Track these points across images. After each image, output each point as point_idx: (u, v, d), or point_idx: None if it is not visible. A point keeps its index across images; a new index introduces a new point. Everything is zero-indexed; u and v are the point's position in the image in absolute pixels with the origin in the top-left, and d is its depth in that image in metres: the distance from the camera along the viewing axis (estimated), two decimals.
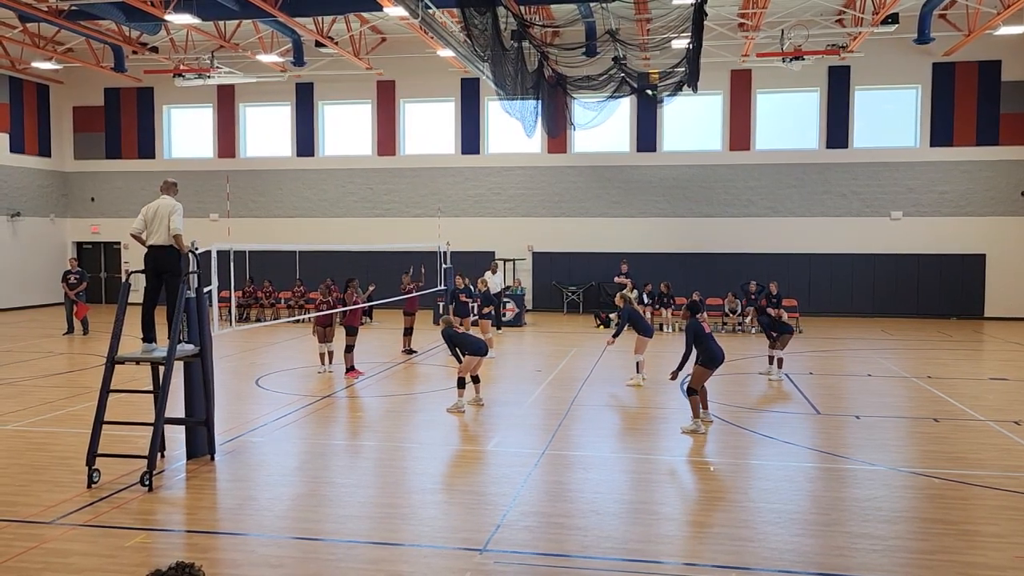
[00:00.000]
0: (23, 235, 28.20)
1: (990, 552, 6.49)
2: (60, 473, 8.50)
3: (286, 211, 28.41)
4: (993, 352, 18.90)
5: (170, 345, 8.40)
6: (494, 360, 16.08)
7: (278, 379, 14.29)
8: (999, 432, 10.45)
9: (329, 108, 28.42)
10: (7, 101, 27.61)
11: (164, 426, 8.47)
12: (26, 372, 14.93)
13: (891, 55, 24.49)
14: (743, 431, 10.57)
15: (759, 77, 25.59)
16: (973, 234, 24.81)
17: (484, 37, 14.66)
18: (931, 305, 25.04)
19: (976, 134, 24.69)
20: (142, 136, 29.38)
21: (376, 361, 16.17)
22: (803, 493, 8.09)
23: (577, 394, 12.92)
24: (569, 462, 9.24)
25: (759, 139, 26.02)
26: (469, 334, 12.22)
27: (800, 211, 25.71)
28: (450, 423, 11.02)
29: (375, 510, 7.56)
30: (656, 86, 22.25)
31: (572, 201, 26.88)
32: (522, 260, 26.85)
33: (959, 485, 8.21)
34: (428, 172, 27.63)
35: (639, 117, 26.31)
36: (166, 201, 8.94)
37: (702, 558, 6.37)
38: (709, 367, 10.56)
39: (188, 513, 7.60)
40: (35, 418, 11.11)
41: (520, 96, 19.23)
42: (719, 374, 11.95)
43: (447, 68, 26.13)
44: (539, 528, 7.01)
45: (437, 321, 22.33)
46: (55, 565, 6.16)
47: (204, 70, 24.19)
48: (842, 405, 12.47)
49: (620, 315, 14.01)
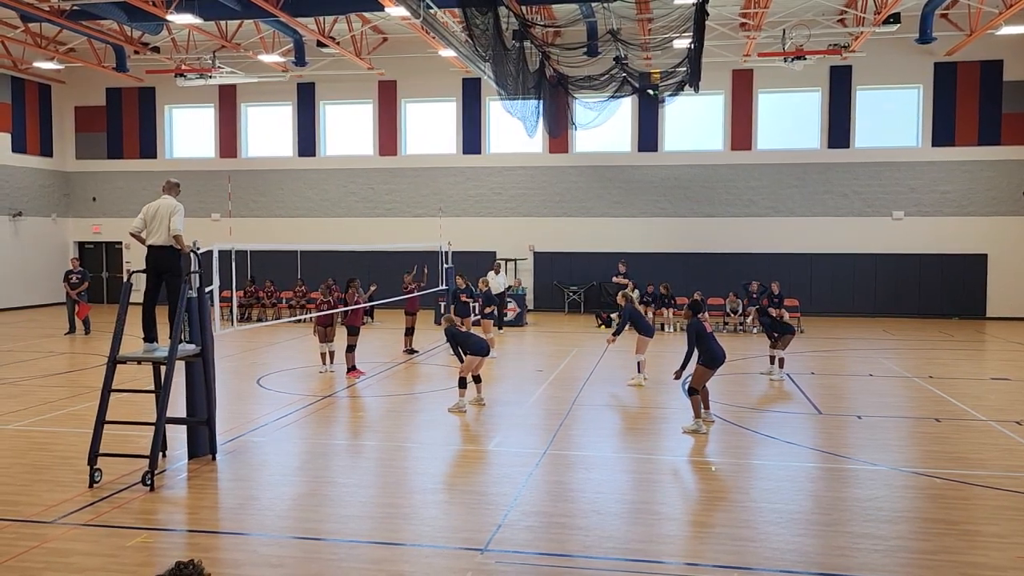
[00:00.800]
0: (25, 235, 28.22)
1: (991, 552, 6.48)
2: (62, 473, 8.51)
3: (287, 211, 28.42)
4: (995, 352, 18.88)
5: (171, 345, 8.40)
6: (495, 360, 16.08)
7: (279, 379, 14.30)
8: (1001, 432, 10.44)
9: (330, 108, 28.43)
10: (9, 101, 27.64)
11: (165, 426, 8.48)
12: (27, 372, 14.95)
13: (893, 55, 24.47)
14: (744, 431, 10.56)
15: (760, 77, 25.58)
16: (975, 234, 24.78)
17: (485, 37, 14.66)
18: (933, 305, 25.02)
19: (978, 134, 24.66)
20: (144, 136, 29.41)
21: (377, 361, 16.17)
22: (804, 493, 8.09)
23: (578, 394, 12.92)
24: (570, 462, 9.24)
25: (760, 139, 26.00)
26: (472, 333, 12.22)
27: (801, 211, 25.69)
28: (451, 423, 11.02)
29: (376, 510, 7.56)
30: (657, 86, 22.26)
31: (573, 201, 26.88)
32: (523, 260, 26.86)
33: (960, 485, 8.20)
34: (429, 172, 27.63)
35: (640, 117, 26.31)
36: (167, 201, 8.94)
37: (704, 558, 6.37)
38: (710, 367, 10.56)
39: (189, 513, 7.61)
40: (37, 418, 11.12)
41: (521, 96, 19.23)
42: (720, 374, 11.95)
43: (448, 68, 26.13)
44: (540, 528, 7.00)
45: (438, 321, 22.36)
46: (56, 565, 6.16)
47: (206, 70, 24.21)
48: (844, 405, 12.46)
49: (621, 314, 14.01)
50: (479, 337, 12.14)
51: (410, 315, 17.55)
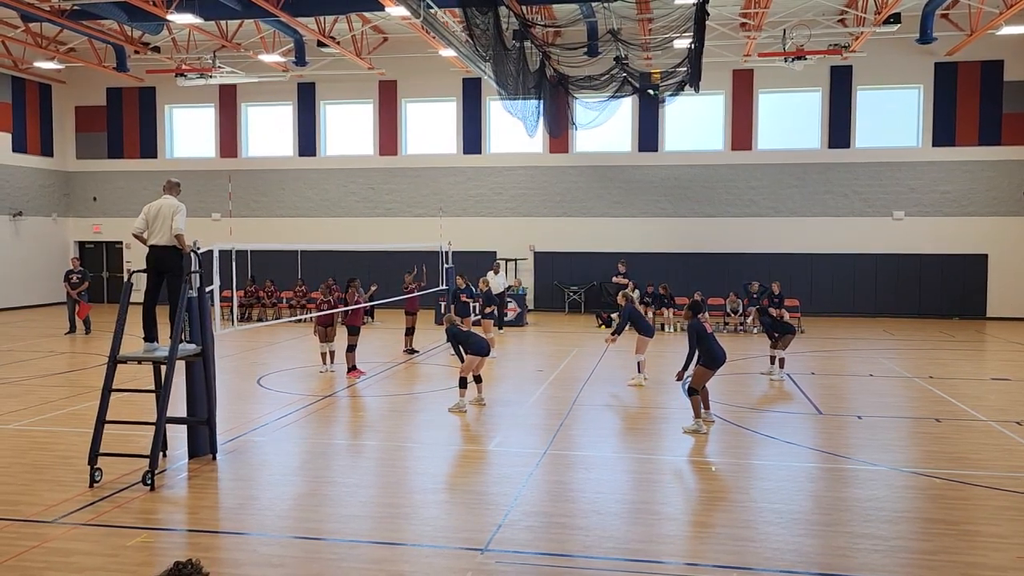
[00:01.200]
0: (25, 235, 28.23)
1: (992, 553, 6.48)
2: (62, 472, 8.51)
3: (288, 211, 28.43)
4: (995, 352, 18.88)
5: (172, 344, 8.40)
6: (496, 360, 16.08)
7: (280, 379, 14.30)
8: (1001, 432, 10.44)
9: (331, 108, 28.43)
10: (9, 101, 27.64)
11: (166, 425, 8.48)
12: (28, 371, 14.95)
13: (893, 55, 24.47)
14: (745, 431, 10.56)
15: (761, 77, 25.58)
16: (975, 234, 24.78)
17: (486, 37, 14.66)
18: (933, 305, 25.02)
19: (978, 134, 24.66)
20: (144, 136, 29.41)
21: (378, 361, 16.18)
22: (805, 493, 8.09)
23: (579, 394, 12.92)
24: (571, 462, 9.24)
25: (761, 139, 26.00)
26: (473, 333, 12.21)
27: (802, 211, 25.69)
28: (452, 423, 11.02)
29: (377, 510, 7.57)
30: (658, 86, 22.26)
31: (574, 201, 26.88)
32: (523, 260, 26.86)
33: (961, 485, 8.20)
34: (430, 172, 27.63)
35: (641, 117, 26.30)
36: (169, 201, 8.95)
37: (704, 558, 6.37)
38: (710, 367, 10.56)
39: (190, 512, 7.61)
40: (37, 417, 11.12)
41: (522, 96, 19.23)
42: (721, 374, 11.96)
43: (449, 68, 26.13)
44: (541, 528, 7.00)
45: (439, 321, 22.36)
46: (57, 564, 6.16)
47: (206, 70, 24.22)
48: (844, 405, 12.46)
49: (621, 314, 14.02)
50: (480, 337, 12.14)
51: (410, 315, 17.56)
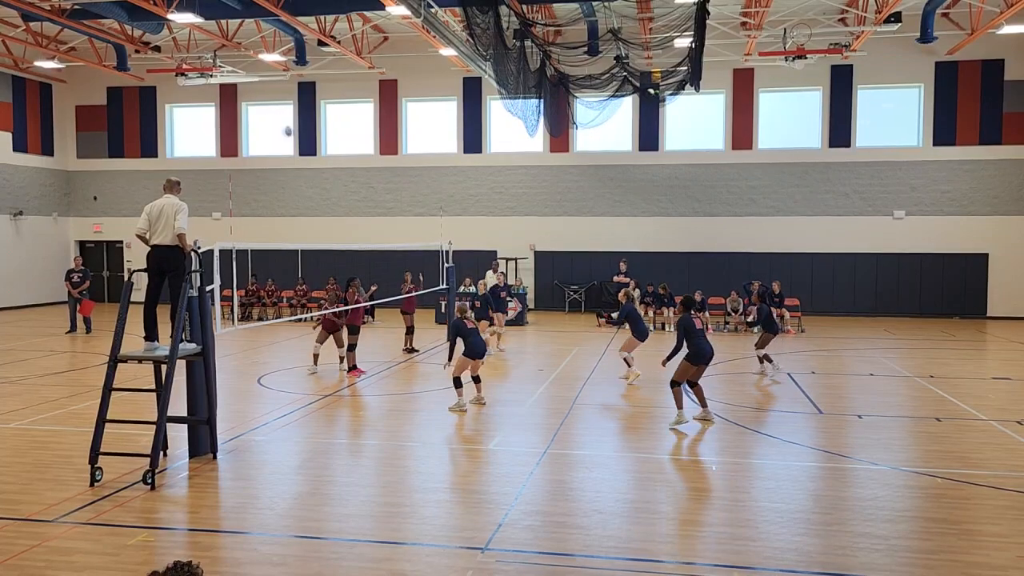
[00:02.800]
0: (26, 234, 28.23)
1: (992, 552, 6.48)
2: (62, 471, 8.51)
3: (288, 210, 28.43)
4: (996, 352, 18.87)
5: (172, 344, 8.40)
6: (494, 358, 16.08)
7: (280, 378, 14.30)
8: (1002, 432, 10.43)
9: (331, 107, 28.43)
10: (10, 100, 27.64)
11: (166, 424, 8.48)
12: (28, 370, 14.95)
13: (894, 54, 24.45)
14: (745, 430, 10.56)
15: (761, 76, 25.56)
16: (976, 233, 24.77)
17: (486, 36, 14.65)
18: (934, 304, 25.01)
19: (979, 133, 24.65)
20: (144, 135, 29.41)
21: (378, 360, 16.18)
22: (805, 492, 8.09)
23: (579, 393, 12.92)
24: (571, 461, 9.24)
25: (761, 138, 25.99)
26: (475, 331, 12.13)
27: (802, 210, 25.68)
28: (452, 422, 11.02)
29: (377, 509, 7.57)
30: (658, 85, 22.23)
31: (574, 200, 26.87)
32: (524, 259, 26.85)
33: (961, 485, 8.19)
34: (430, 171, 27.62)
35: (641, 116, 26.30)
36: (170, 200, 8.94)
37: (704, 557, 6.37)
38: (695, 363, 10.61)
39: (190, 511, 7.61)
40: (37, 416, 11.12)
41: (522, 95, 19.21)
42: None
43: (449, 67, 26.12)
44: (541, 527, 7.00)
45: (440, 320, 22.36)
46: (57, 563, 6.16)
47: (206, 69, 24.21)
48: (844, 404, 12.45)
49: (621, 310, 14.05)
50: (480, 339, 12.09)
51: (406, 315, 17.57)
